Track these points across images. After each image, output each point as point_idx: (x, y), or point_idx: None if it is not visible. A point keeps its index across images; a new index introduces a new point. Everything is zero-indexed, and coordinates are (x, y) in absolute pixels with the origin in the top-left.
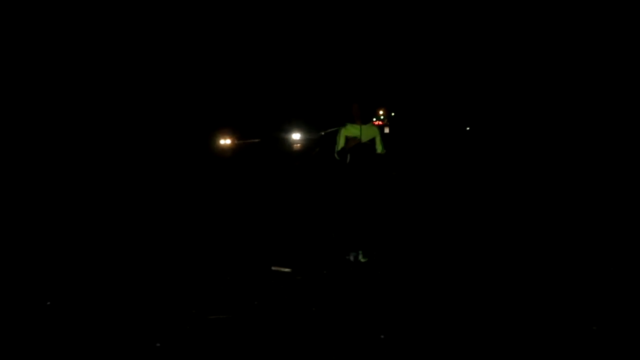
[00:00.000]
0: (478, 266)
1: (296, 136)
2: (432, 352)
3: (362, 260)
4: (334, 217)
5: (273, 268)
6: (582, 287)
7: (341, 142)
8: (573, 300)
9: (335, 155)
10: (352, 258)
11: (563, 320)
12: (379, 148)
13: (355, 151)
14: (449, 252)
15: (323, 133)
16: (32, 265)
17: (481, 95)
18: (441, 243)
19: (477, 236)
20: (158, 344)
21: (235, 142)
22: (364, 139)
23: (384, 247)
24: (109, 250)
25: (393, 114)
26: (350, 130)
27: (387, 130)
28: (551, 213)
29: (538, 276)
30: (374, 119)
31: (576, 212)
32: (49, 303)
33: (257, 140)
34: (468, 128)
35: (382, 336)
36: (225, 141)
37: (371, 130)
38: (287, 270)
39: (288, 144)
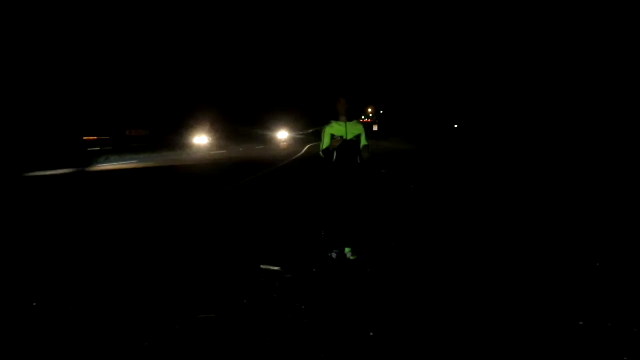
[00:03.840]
0: (467, 263)
1: (282, 135)
2: (421, 349)
3: (352, 258)
4: (323, 215)
5: (262, 267)
6: (568, 283)
7: (326, 141)
8: (561, 297)
9: (321, 153)
10: (334, 255)
11: (552, 317)
12: (363, 143)
13: (341, 150)
14: (438, 248)
15: (302, 134)
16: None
17: (469, 95)
18: (430, 239)
19: (467, 233)
20: (146, 344)
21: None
22: (349, 136)
23: (373, 245)
24: (96, 249)
25: (382, 111)
26: (336, 128)
27: (375, 128)
28: (544, 210)
29: (528, 273)
30: (363, 117)
31: (554, 205)
32: (35, 304)
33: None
34: (456, 126)
35: (372, 333)
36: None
37: (356, 127)
38: (276, 268)
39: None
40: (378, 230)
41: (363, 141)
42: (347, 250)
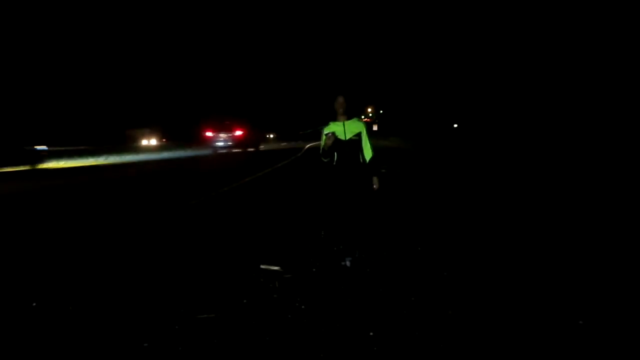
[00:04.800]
0: (466, 263)
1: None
2: (421, 348)
3: (348, 263)
4: (327, 218)
5: (262, 266)
6: (568, 283)
7: (323, 142)
8: (560, 296)
9: (321, 156)
10: (348, 263)
11: (552, 316)
12: (367, 152)
13: (340, 150)
14: (437, 248)
15: (301, 133)
16: (14, 265)
17: (469, 94)
18: (429, 239)
19: (466, 233)
20: (146, 344)
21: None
22: (348, 135)
23: (373, 245)
24: (93, 248)
25: (381, 111)
26: (332, 129)
27: (375, 127)
28: (544, 210)
29: (527, 273)
30: (362, 117)
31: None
32: (34, 304)
33: None
34: (455, 125)
35: (371, 333)
36: None
37: (355, 125)
38: (276, 268)
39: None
40: (377, 230)
41: (367, 151)
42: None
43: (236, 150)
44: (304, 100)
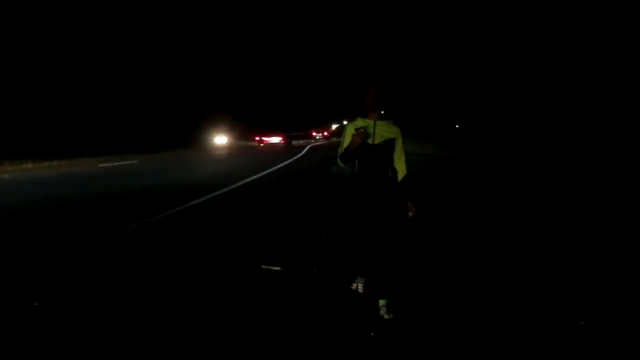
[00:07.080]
0: (466, 263)
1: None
2: (422, 349)
3: (387, 317)
4: (347, 242)
5: (263, 267)
6: (569, 284)
7: (346, 142)
8: (562, 297)
9: (338, 160)
10: (360, 289)
11: (554, 318)
12: (400, 167)
13: (364, 157)
14: (436, 248)
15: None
16: (16, 264)
17: (471, 95)
18: (428, 239)
19: (466, 233)
20: (146, 344)
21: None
22: (377, 139)
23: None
24: (96, 248)
25: (383, 112)
26: (359, 125)
27: None
28: (545, 210)
29: (529, 274)
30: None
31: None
32: (36, 304)
33: None
34: (457, 126)
35: (372, 334)
36: None
37: (388, 129)
38: (277, 268)
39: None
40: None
41: (400, 166)
42: (382, 302)
43: (323, 139)
44: (311, 103)
